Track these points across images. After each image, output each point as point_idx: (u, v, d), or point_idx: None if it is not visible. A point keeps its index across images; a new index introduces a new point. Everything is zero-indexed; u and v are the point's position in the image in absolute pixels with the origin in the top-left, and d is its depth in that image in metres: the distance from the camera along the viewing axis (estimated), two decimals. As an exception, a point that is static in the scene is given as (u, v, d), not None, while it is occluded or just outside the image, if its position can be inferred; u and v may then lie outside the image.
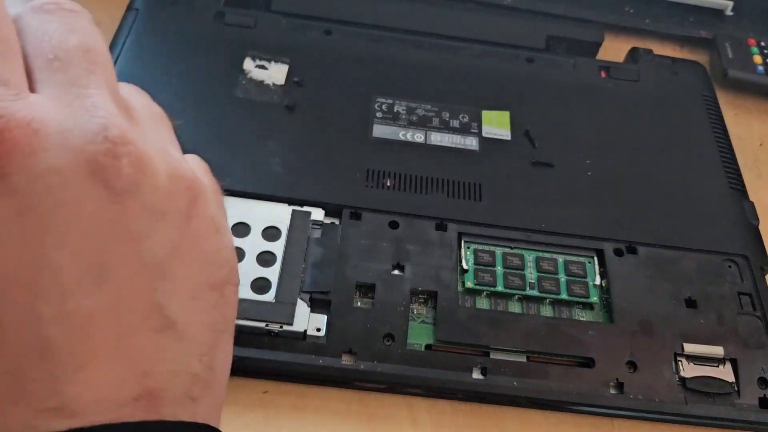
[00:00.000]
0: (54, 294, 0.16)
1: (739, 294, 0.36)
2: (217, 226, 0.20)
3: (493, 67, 0.45)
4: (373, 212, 0.36)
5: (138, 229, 0.17)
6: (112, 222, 0.17)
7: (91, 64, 0.18)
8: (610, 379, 0.32)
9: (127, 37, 0.42)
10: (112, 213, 0.17)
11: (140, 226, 0.17)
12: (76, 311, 0.16)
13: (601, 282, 0.36)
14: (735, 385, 0.33)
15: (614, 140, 0.42)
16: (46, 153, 0.16)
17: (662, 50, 0.51)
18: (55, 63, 0.17)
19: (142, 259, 0.17)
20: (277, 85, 0.41)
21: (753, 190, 0.41)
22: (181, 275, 0.18)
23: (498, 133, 0.41)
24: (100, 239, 0.17)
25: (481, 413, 0.32)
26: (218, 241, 0.20)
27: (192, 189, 0.19)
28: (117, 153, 0.17)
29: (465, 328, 0.33)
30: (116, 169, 0.17)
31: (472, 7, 0.50)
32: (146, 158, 0.17)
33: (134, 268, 0.17)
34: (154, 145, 0.18)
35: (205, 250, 0.19)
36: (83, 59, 0.18)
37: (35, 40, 0.18)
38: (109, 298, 0.17)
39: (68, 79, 0.17)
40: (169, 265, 0.18)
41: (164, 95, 0.39)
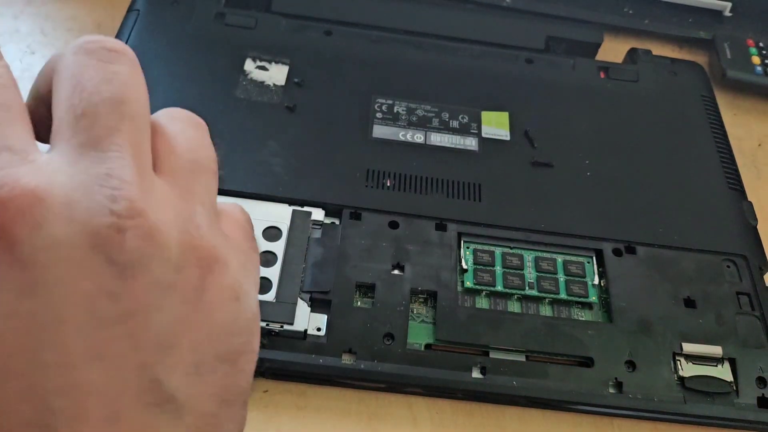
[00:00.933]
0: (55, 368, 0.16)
1: (738, 294, 0.36)
2: (236, 294, 0.19)
3: (492, 67, 0.45)
4: (373, 212, 0.36)
5: (142, 304, 0.16)
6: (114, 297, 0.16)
7: (119, 120, 0.17)
8: (609, 378, 0.32)
9: (128, 38, 0.42)
10: (115, 288, 0.16)
11: (145, 301, 0.16)
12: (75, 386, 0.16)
13: (600, 282, 0.36)
14: (734, 385, 0.33)
15: (613, 141, 0.42)
16: (51, 224, 0.15)
17: (661, 51, 0.51)
18: (82, 120, 0.17)
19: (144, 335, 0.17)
20: (278, 86, 0.42)
21: (752, 191, 0.42)
22: (187, 348, 0.17)
23: (497, 134, 0.41)
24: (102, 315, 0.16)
25: (481, 412, 0.33)
26: (236, 309, 0.19)
27: (207, 259, 0.18)
28: (122, 226, 0.16)
29: (464, 327, 0.33)
30: (120, 243, 0.16)
31: (472, 8, 0.50)
32: (155, 230, 0.16)
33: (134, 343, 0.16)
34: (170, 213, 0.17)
35: (219, 321, 0.18)
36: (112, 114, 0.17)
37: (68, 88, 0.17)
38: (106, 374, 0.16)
39: (90, 139, 0.17)
40: (173, 340, 0.17)
41: (165, 96, 0.40)
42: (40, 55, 0.44)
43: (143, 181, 0.17)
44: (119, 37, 0.43)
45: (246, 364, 0.19)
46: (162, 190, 0.17)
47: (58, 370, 0.16)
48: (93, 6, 0.48)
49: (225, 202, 0.21)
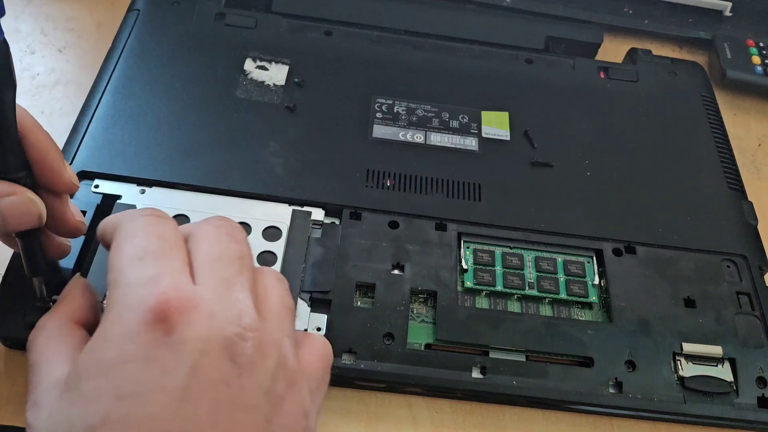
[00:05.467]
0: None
1: (738, 294, 0.36)
2: (305, 412, 0.24)
3: (492, 67, 0.45)
4: (373, 212, 0.36)
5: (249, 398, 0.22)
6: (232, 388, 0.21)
7: (242, 267, 0.24)
8: (609, 378, 0.32)
9: (128, 37, 0.42)
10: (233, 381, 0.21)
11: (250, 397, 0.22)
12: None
13: (600, 282, 0.36)
14: (734, 385, 0.33)
15: (613, 141, 0.42)
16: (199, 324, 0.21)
17: (661, 51, 0.51)
18: (218, 263, 0.23)
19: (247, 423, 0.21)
20: (278, 86, 0.42)
21: (752, 191, 0.42)
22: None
23: (497, 134, 0.41)
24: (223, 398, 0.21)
25: (481, 412, 0.33)
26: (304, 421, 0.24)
27: (292, 378, 0.23)
28: (245, 336, 0.22)
29: (464, 327, 0.33)
30: (242, 348, 0.22)
31: (472, 8, 0.50)
32: (265, 345, 0.22)
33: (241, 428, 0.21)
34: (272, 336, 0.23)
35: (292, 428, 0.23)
36: (237, 263, 0.24)
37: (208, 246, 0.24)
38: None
39: (225, 276, 0.23)
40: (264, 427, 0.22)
41: (165, 96, 0.40)
42: (40, 55, 0.44)
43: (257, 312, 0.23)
44: (120, 37, 0.43)
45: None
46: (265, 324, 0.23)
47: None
48: (93, 6, 0.48)
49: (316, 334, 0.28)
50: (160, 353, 0.20)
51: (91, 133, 0.37)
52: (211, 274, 0.23)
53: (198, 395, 0.20)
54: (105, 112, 0.38)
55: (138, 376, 0.20)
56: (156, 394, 0.20)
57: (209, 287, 0.22)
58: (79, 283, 0.27)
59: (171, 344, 0.21)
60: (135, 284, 0.22)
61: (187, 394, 0.20)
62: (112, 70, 0.41)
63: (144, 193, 0.35)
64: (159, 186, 0.36)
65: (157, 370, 0.20)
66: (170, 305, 0.21)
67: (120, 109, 0.39)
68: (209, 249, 0.24)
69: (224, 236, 0.25)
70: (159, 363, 0.20)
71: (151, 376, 0.20)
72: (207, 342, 0.21)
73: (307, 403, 0.24)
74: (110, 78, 0.40)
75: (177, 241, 0.24)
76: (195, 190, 0.36)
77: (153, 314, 0.21)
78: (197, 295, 0.22)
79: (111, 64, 0.41)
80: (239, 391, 0.21)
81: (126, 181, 0.36)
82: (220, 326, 0.22)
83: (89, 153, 0.36)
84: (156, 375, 0.20)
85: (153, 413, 0.20)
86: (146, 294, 0.21)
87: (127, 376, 0.20)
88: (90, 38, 0.46)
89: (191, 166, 0.37)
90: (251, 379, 0.22)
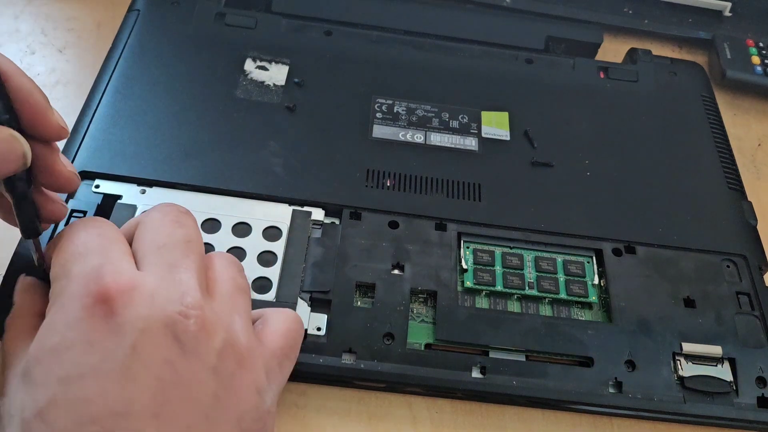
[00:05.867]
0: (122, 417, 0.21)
1: (738, 294, 0.36)
2: (259, 389, 0.24)
3: (492, 67, 0.45)
4: (373, 212, 0.36)
5: (195, 377, 0.22)
6: (175, 367, 0.22)
7: (188, 251, 0.25)
8: (609, 378, 0.32)
9: (128, 37, 0.42)
10: (176, 359, 0.22)
11: (195, 375, 0.22)
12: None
13: (600, 282, 0.36)
14: (733, 385, 0.33)
15: (613, 141, 0.42)
16: (139, 305, 0.22)
17: (661, 51, 0.51)
18: (162, 249, 0.24)
19: (194, 402, 0.22)
20: (278, 86, 0.42)
21: (751, 190, 0.42)
22: (221, 421, 0.23)
23: (497, 134, 0.41)
24: (166, 378, 0.21)
25: (481, 412, 0.33)
26: (257, 400, 0.24)
27: (239, 355, 0.24)
28: (188, 314, 0.22)
29: (464, 327, 0.33)
30: (185, 326, 0.22)
31: (472, 8, 0.50)
32: (209, 323, 0.23)
33: (187, 407, 0.22)
34: (219, 316, 0.24)
35: (244, 405, 0.23)
36: (182, 247, 0.25)
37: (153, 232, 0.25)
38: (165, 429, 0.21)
39: (169, 260, 0.24)
40: (212, 412, 0.22)
41: (165, 96, 0.40)
42: (41, 55, 0.44)
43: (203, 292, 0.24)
44: (120, 37, 0.43)
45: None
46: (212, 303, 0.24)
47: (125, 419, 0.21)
48: (93, 6, 0.48)
49: (286, 311, 0.28)
50: (100, 336, 0.21)
51: (91, 133, 0.37)
52: (154, 260, 0.24)
53: (140, 375, 0.21)
54: (105, 112, 0.38)
55: (80, 359, 0.21)
56: (98, 376, 0.21)
57: (151, 271, 0.23)
58: (26, 282, 0.27)
59: (111, 326, 0.21)
60: (76, 275, 0.23)
61: (129, 375, 0.21)
62: (113, 70, 0.41)
63: (144, 193, 0.35)
64: (159, 186, 0.36)
65: (98, 353, 0.21)
66: (109, 289, 0.22)
67: (120, 109, 0.39)
68: (153, 236, 0.25)
69: (169, 222, 0.25)
70: (100, 345, 0.21)
71: (92, 359, 0.21)
72: (148, 321, 0.22)
73: (261, 381, 0.24)
74: (110, 78, 0.40)
75: (117, 236, 0.25)
76: (195, 190, 0.36)
77: (93, 299, 0.22)
78: (138, 278, 0.23)
79: (111, 65, 0.41)
80: (184, 370, 0.22)
81: (126, 181, 0.36)
82: (161, 306, 0.22)
83: (90, 153, 0.36)
84: (97, 357, 0.21)
85: (96, 395, 0.21)
86: (87, 281, 0.22)
87: (71, 360, 0.21)
88: (90, 38, 0.46)
89: (191, 166, 0.37)
90: (196, 358, 0.22)
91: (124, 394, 0.21)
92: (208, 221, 0.35)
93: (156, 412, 0.21)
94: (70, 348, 0.21)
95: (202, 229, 0.34)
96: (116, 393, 0.21)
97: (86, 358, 0.21)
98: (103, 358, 0.21)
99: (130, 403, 0.21)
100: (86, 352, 0.21)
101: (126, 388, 0.21)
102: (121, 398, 0.21)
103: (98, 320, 0.21)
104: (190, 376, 0.22)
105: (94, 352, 0.21)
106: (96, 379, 0.21)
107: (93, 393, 0.21)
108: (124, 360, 0.21)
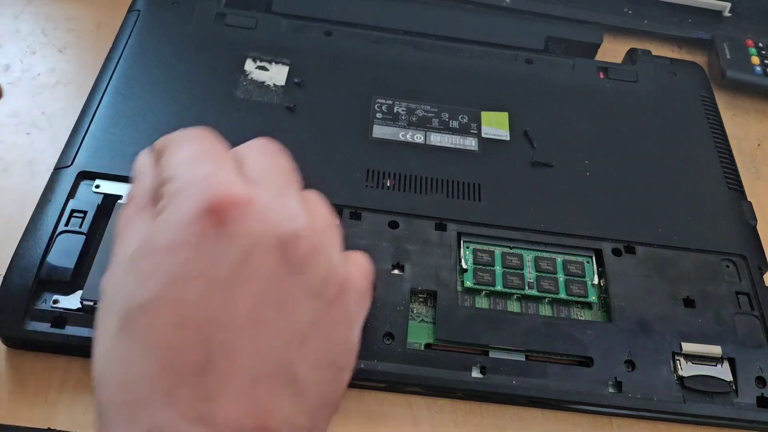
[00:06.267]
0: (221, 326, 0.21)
1: (737, 294, 0.36)
2: (351, 321, 0.24)
3: (492, 67, 0.45)
4: (373, 212, 0.36)
5: (296, 299, 0.22)
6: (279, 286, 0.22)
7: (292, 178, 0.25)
8: (609, 378, 0.32)
9: (128, 38, 0.42)
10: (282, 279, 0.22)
11: (298, 297, 0.22)
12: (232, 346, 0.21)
13: (600, 281, 0.36)
14: (733, 384, 0.33)
15: (613, 141, 0.42)
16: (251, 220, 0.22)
17: (661, 51, 0.51)
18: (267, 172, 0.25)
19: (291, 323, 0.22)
20: (278, 86, 0.42)
21: (751, 191, 0.42)
22: (313, 347, 0.23)
23: (497, 134, 0.41)
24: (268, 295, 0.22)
25: (481, 412, 0.33)
26: (348, 332, 0.24)
27: (341, 285, 0.24)
28: (299, 235, 0.22)
29: (464, 327, 0.33)
30: (295, 248, 0.22)
31: (472, 8, 0.50)
32: (317, 248, 0.23)
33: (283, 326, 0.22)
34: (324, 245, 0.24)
35: (336, 336, 0.24)
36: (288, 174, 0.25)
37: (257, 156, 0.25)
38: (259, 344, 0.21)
39: (277, 183, 0.24)
40: (307, 336, 0.22)
41: (165, 96, 0.40)
42: (41, 55, 0.44)
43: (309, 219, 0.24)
44: (120, 37, 0.43)
45: (345, 379, 0.24)
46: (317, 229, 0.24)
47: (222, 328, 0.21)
48: (94, 6, 0.48)
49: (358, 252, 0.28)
50: (211, 243, 0.21)
51: (91, 133, 0.37)
52: (263, 180, 0.24)
53: (244, 287, 0.21)
54: (106, 112, 0.39)
55: (189, 262, 0.21)
56: (204, 281, 0.21)
57: (262, 189, 0.23)
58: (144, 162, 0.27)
59: (222, 236, 0.21)
60: (191, 179, 0.23)
61: (233, 285, 0.21)
62: (113, 70, 0.41)
63: (144, 193, 0.35)
64: (159, 186, 0.36)
65: (207, 259, 0.21)
66: (224, 199, 0.21)
67: (120, 110, 0.39)
68: (259, 160, 0.25)
69: (271, 151, 0.26)
70: (210, 252, 0.21)
71: (201, 264, 0.21)
72: (259, 237, 0.22)
73: (353, 314, 0.25)
74: (111, 78, 0.40)
75: (227, 151, 0.25)
76: (195, 190, 0.36)
77: (207, 206, 0.21)
78: (252, 192, 0.22)
79: (111, 65, 0.41)
80: (287, 290, 0.22)
81: (127, 181, 0.36)
82: (273, 224, 0.22)
83: (90, 153, 0.37)
84: (206, 263, 0.21)
85: (198, 299, 0.21)
86: (202, 187, 0.22)
87: (179, 262, 0.21)
88: (90, 38, 0.46)
89: (191, 166, 0.37)
90: (301, 280, 0.22)
91: (224, 303, 0.21)
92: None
93: (253, 325, 0.21)
94: (181, 250, 0.21)
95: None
96: (218, 300, 0.21)
97: (195, 263, 0.21)
98: (211, 265, 0.21)
99: (229, 312, 0.21)
100: (196, 256, 0.21)
101: (228, 298, 0.21)
102: (221, 306, 0.21)
103: (211, 228, 0.21)
104: (292, 297, 0.22)
105: (203, 257, 0.21)
106: (201, 284, 0.21)
107: (196, 297, 0.21)
108: (230, 270, 0.21)
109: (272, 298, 0.22)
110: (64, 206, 0.34)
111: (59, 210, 0.34)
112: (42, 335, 0.31)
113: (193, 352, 0.20)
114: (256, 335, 0.21)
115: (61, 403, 0.31)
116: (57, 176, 0.36)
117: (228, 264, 0.21)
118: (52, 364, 0.32)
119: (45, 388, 0.31)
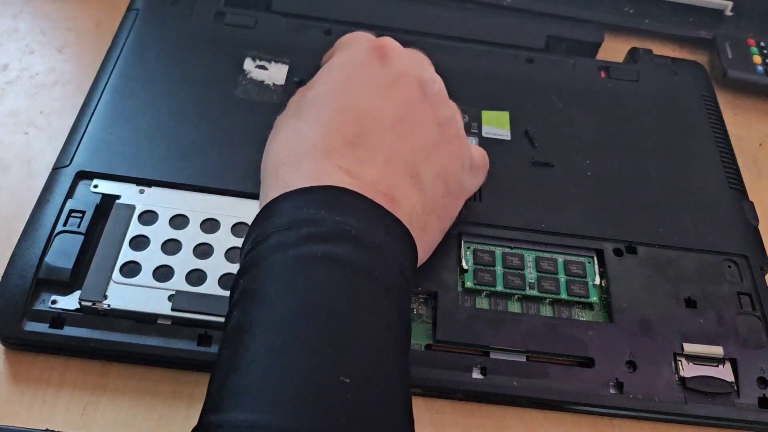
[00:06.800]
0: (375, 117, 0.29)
1: (739, 294, 0.36)
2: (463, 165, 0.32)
3: (492, 67, 0.45)
4: (373, 212, 0.36)
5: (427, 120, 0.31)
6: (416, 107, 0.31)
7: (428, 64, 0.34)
8: (610, 378, 0.32)
9: (127, 37, 0.42)
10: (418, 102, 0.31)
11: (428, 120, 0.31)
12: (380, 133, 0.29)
13: (601, 282, 0.36)
14: (734, 385, 0.33)
15: (614, 140, 0.42)
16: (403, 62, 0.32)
17: (662, 50, 0.51)
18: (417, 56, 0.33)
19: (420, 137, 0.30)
20: (278, 86, 0.42)
21: (752, 191, 0.41)
22: (433, 162, 0.30)
23: (498, 133, 0.41)
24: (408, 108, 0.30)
25: (481, 413, 0.33)
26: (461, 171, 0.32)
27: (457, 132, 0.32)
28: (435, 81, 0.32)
29: (465, 327, 0.33)
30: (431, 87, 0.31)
31: (472, 7, 0.50)
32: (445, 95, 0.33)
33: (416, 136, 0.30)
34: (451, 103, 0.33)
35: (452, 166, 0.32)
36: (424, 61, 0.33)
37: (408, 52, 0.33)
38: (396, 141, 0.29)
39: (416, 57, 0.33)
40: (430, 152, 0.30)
41: (165, 95, 0.40)
42: (39, 54, 0.44)
43: None
44: (119, 36, 0.43)
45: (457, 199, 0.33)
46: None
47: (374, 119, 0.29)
48: (92, 5, 0.48)
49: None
50: (374, 65, 0.31)
51: (90, 133, 0.37)
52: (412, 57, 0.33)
53: (393, 97, 0.30)
54: (104, 111, 0.38)
55: (356, 73, 0.31)
56: (366, 86, 0.30)
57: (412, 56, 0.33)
58: None
59: (383, 62, 0.31)
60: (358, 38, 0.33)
61: (386, 94, 0.30)
62: (111, 69, 0.41)
63: (143, 192, 0.35)
64: (158, 186, 0.36)
65: (370, 74, 0.30)
66: (386, 46, 0.31)
67: (119, 109, 0.39)
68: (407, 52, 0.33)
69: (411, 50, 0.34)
70: (372, 70, 0.30)
71: (365, 75, 0.30)
72: (408, 72, 0.31)
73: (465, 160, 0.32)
74: (109, 78, 0.40)
75: None
76: (195, 190, 0.36)
77: (373, 45, 0.31)
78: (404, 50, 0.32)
79: (110, 64, 0.41)
80: (420, 111, 0.30)
81: (125, 181, 0.36)
82: (418, 69, 0.32)
83: (88, 153, 0.36)
84: (368, 76, 0.30)
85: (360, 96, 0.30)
86: (368, 39, 0.33)
87: (349, 71, 0.31)
88: (89, 38, 0.46)
89: (191, 166, 0.36)
90: (430, 109, 0.31)
91: (379, 103, 0.29)
92: (208, 221, 0.35)
93: (394, 127, 0.29)
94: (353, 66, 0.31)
95: (202, 229, 0.34)
96: (375, 101, 0.29)
97: (362, 74, 0.30)
98: (372, 78, 0.30)
99: (382, 110, 0.29)
100: (363, 70, 0.31)
101: (381, 101, 0.29)
102: (377, 105, 0.29)
103: (375, 58, 0.31)
104: (425, 118, 0.30)
105: (368, 72, 0.30)
106: (364, 88, 0.30)
107: (359, 95, 0.30)
108: (385, 84, 0.30)
109: (410, 111, 0.30)
110: (62, 206, 0.34)
111: (57, 210, 0.34)
112: (40, 336, 0.31)
113: (350, 129, 0.28)
114: (395, 134, 0.29)
115: (60, 403, 0.31)
116: (55, 176, 0.35)
117: (384, 81, 0.30)
118: (51, 365, 0.31)
119: (43, 389, 0.31)
